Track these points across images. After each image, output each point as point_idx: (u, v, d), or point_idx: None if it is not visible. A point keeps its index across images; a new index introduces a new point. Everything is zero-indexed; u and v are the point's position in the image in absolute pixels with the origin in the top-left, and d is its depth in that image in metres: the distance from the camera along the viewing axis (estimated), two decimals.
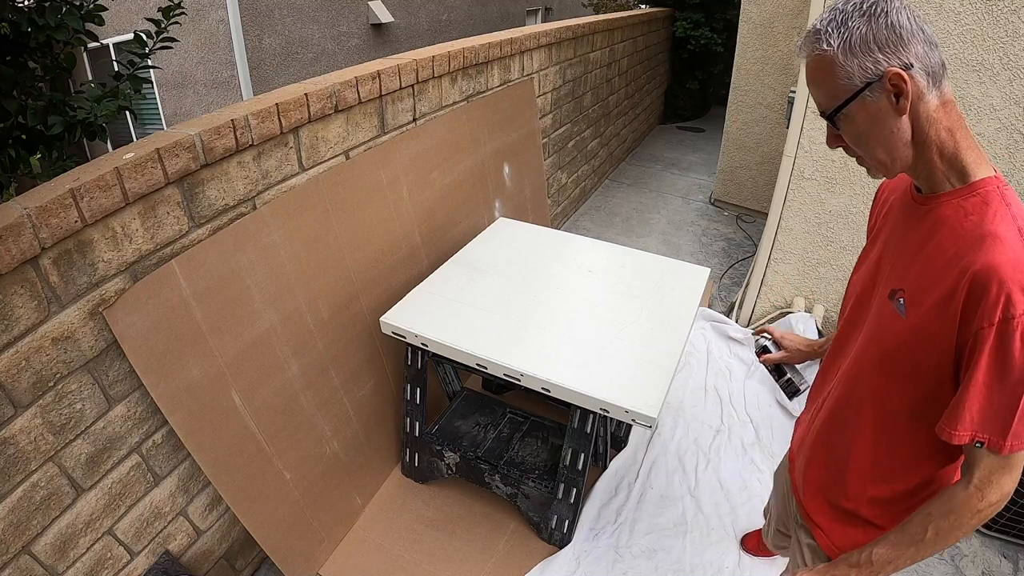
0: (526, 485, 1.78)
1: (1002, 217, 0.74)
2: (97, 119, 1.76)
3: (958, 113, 0.79)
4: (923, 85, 0.76)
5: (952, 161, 0.79)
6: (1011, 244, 0.72)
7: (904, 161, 0.80)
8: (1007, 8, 1.86)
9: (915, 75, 0.75)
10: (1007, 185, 0.78)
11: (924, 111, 0.77)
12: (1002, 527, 1.90)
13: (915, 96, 0.76)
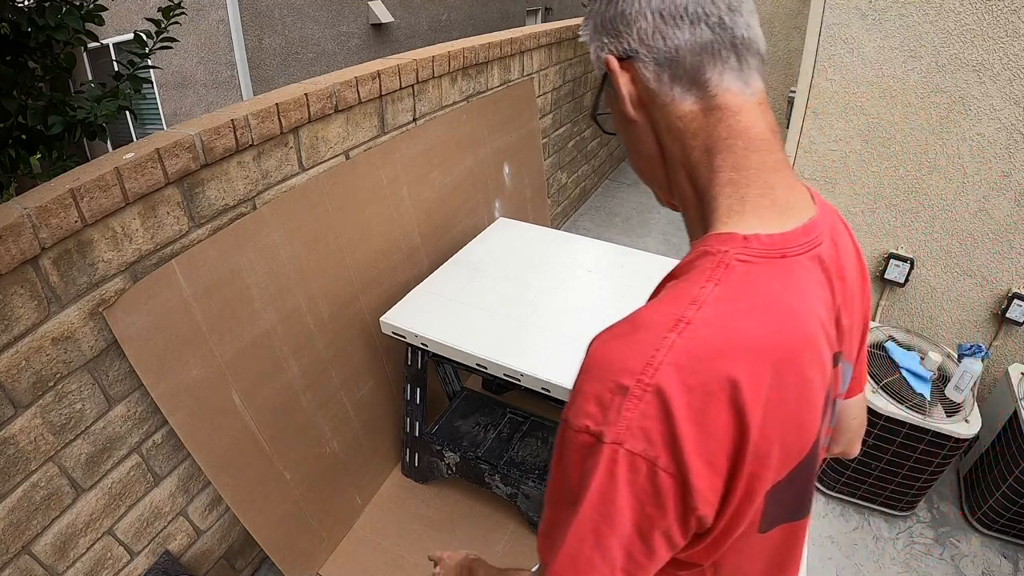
0: (526, 485, 1.78)
1: (678, 296, 0.47)
2: (97, 119, 1.77)
3: (737, 127, 0.50)
4: (650, 79, 0.52)
5: (702, 197, 0.52)
6: (629, 337, 0.46)
7: (659, 184, 0.58)
8: (1007, 8, 1.85)
9: (637, 65, 0.52)
10: (754, 253, 0.48)
11: (663, 117, 0.53)
12: (1002, 527, 1.90)
13: (641, 94, 0.53)
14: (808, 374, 0.48)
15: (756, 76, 0.51)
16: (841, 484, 2.01)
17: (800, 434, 0.49)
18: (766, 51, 0.52)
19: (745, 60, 0.50)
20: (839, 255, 0.55)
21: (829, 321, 0.52)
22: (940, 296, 2.35)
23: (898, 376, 1.93)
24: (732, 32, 0.49)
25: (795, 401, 0.47)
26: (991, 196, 2.10)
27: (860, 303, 0.61)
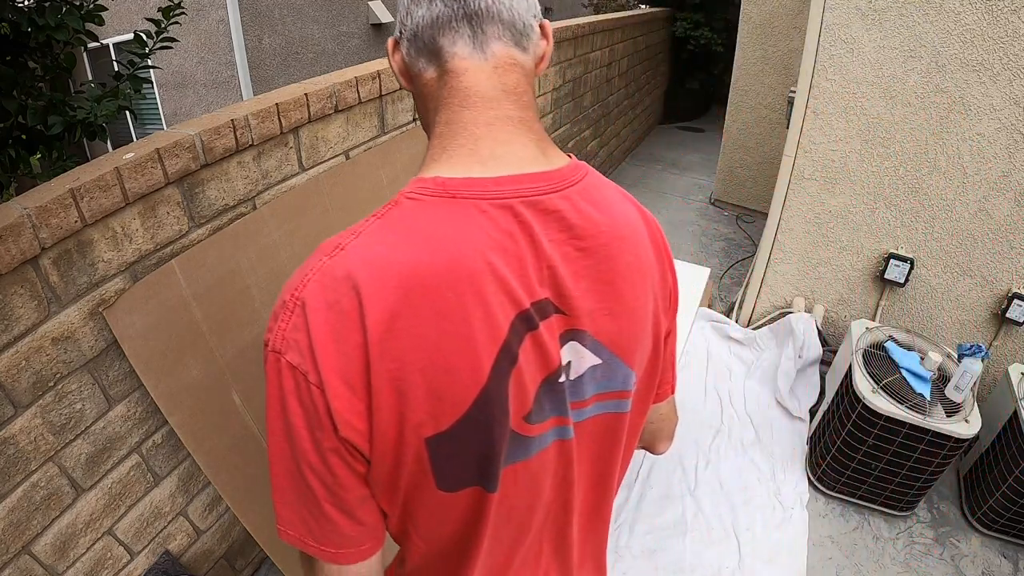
0: None
1: (349, 229, 0.52)
2: (97, 119, 1.76)
3: (458, 87, 0.53)
4: (405, 54, 0.57)
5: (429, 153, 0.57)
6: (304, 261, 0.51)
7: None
8: (1007, 8, 1.85)
9: (401, 44, 0.57)
10: (425, 192, 0.51)
11: (417, 86, 0.58)
12: (1002, 527, 1.90)
13: (406, 69, 0.58)
14: (452, 309, 0.47)
15: (496, 42, 0.53)
16: (841, 484, 2.01)
17: (451, 378, 0.48)
18: (520, 17, 0.54)
19: (480, 28, 0.53)
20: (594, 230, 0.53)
21: (514, 271, 0.49)
22: (940, 296, 2.35)
23: (898, 376, 1.93)
24: (469, 4, 0.52)
25: (435, 334, 0.47)
26: (991, 196, 2.10)
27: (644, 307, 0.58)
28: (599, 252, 0.54)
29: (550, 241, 0.51)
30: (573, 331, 0.54)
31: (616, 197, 0.58)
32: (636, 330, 0.58)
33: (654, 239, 0.60)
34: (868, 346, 2.06)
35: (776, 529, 1.92)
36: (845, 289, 2.55)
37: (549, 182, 0.52)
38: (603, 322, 0.55)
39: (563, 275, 0.52)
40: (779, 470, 2.14)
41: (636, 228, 0.58)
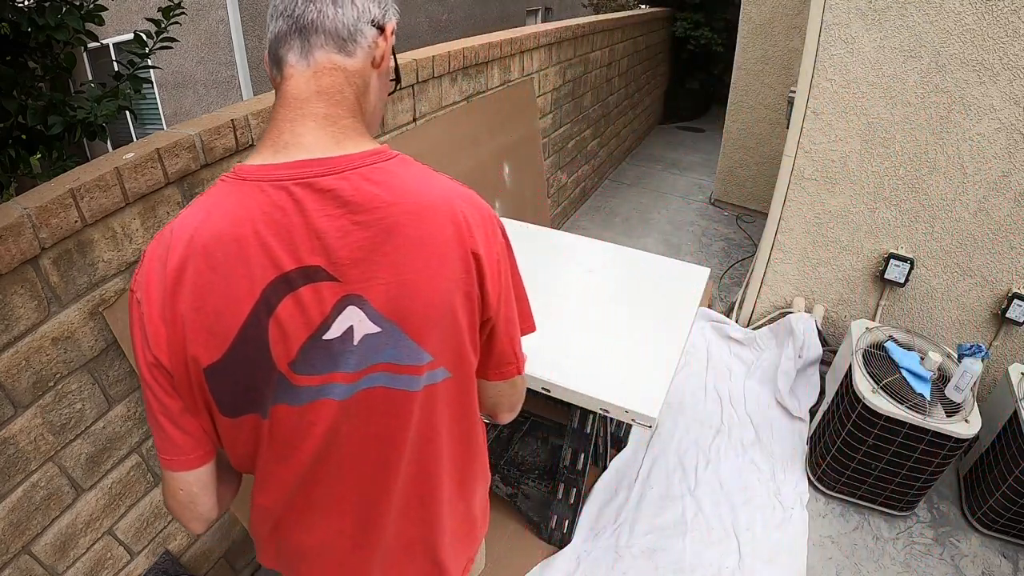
0: (526, 485, 1.78)
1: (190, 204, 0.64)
2: (97, 119, 1.76)
3: (283, 91, 0.65)
4: (266, 64, 0.68)
5: None
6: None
7: None
8: (1007, 8, 1.85)
9: (266, 55, 0.68)
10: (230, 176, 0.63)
11: (276, 93, 0.69)
12: (1002, 527, 1.90)
13: (271, 78, 0.68)
14: (221, 264, 0.58)
15: (320, 51, 0.63)
16: (841, 484, 2.01)
17: (218, 319, 0.59)
18: (346, 26, 0.63)
19: (307, 40, 0.63)
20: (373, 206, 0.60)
21: (279, 240, 0.59)
22: (940, 296, 2.35)
23: (898, 376, 1.93)
24: (300, 19, 0.62)
25: (207, 283, 0.59)
26: (991, 196, 2.10)
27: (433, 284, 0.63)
28: (378, 225, 0.60)
29: (326, 216, 0.59)
30: (350, 296, 0.61)
31: (415, 178, 0.63)
32: (423, 305, 0.63)
33: (456, 223, 0.63)
34: (868, 346, 2.06)
35: (776, 529, 1.92)
36: (845, 289, 2.55)
37: (328, 166, 0.60)
38: (380, 291, 0.61)
39: (336, 246, 0.59)
40: (779, 470, 2.14)
41: (431, 208, 0.62)
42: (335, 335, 0.62)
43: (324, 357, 0.62)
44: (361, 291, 0.61)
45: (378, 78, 0.69)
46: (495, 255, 0.67)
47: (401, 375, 0.65)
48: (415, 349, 0.64)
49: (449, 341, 0.67)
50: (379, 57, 0.67)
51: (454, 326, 0.66)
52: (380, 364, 0.64)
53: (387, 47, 0.68)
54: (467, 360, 0.70)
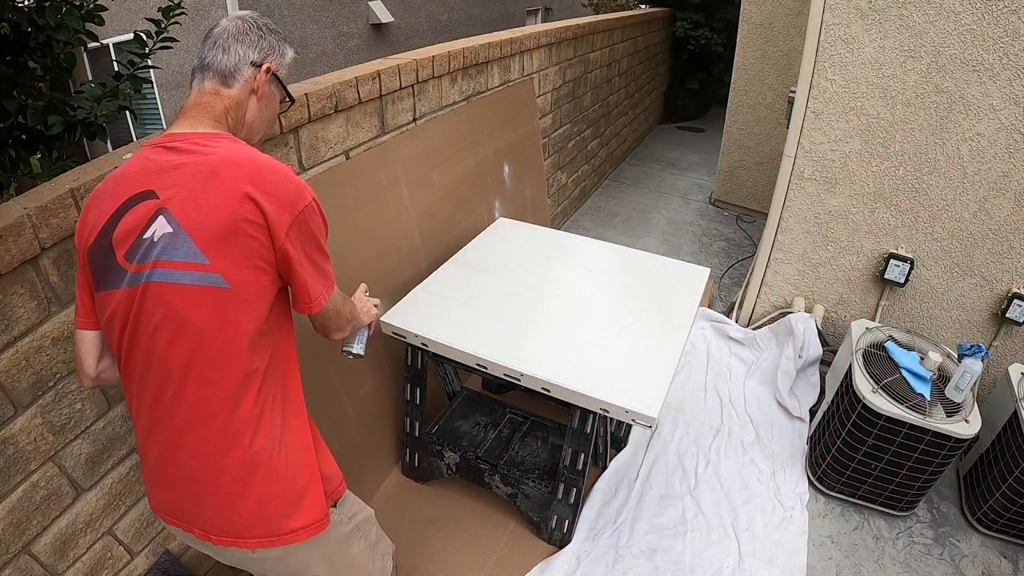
0: (526, 485, 1.78)
1: None
2: (97, 119, 1.76)
3: (185, 103, 0.99)
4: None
5: None
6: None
7: None
8: (1007, 8, 1.86)
9: None
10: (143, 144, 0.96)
11: None
12: (1002, 527, 1.90)
13: None
14: (109, 191, 0.91)
15: (209, 79, 0.99)
16: (841, 484, 2.01)
17: (97, 220, 0.90)
18: (228, 66, 0.98)
19: (202, 73, 0.99)
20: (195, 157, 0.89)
21: (133, 176, 0.90)
22: (940, 296, 2.35)
23: (898, 376, 1.93)
24: (203, 60, 0.99)
25: (100, 200, 0.91)
26: (991, 196, 2.10)
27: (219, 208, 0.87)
28: (193, 166, 0.88)
29: (165, 160, 0.90)
30: (162, 208, 0.88)
31: (232, 148, 0.91)
32: (214, 222, 0.86)
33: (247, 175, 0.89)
34: (868, 346, 2.06)
35: (776, 529, 1.92)
36: (845, 289, 2.55)
37: (180, 136, 0.93)
38: (184, 207, 0.87)
39: (163, 178, 0.88)
40: (779, 470, 2.14)
41: (233, 162, 0.89)
42: (149, 235, 0.88)
43: (140, 251, 0.88)
44: (168, 205, 0.87)
45: (257, 100, 1.03)
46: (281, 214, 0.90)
47: (184, 271, 0.87)
48: (196, 250, 0.87)
49: (230, 256, 0.87)
50: (257, 87, 1.01)
51: (238, 244, 0.87)
52: (166, 261, 0.87)
53: (263, 79, 1.01)
54: (249, 277, 0.90)
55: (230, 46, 0.98)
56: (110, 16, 2.13)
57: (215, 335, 0.89)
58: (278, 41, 1.05)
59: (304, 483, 1.01)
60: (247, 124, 1.03)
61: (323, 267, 0.99)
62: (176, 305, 0.88)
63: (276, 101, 1.08)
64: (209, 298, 0.88)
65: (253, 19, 1.03)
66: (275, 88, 1.06)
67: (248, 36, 1.00)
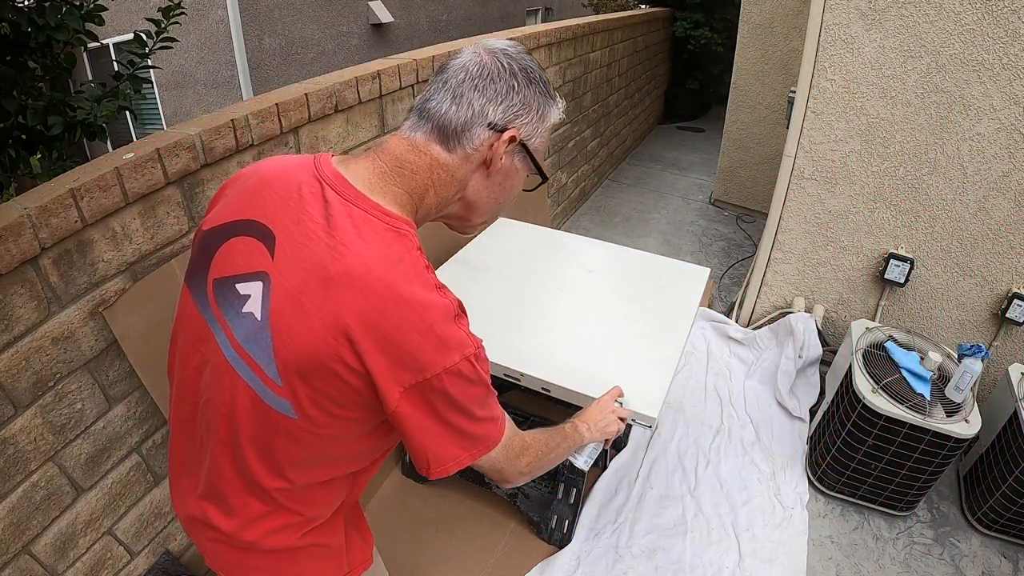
0: (526, 485, 1.78)
1: None
2: (97, 119, 1.76)
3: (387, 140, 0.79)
4: None
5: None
6: None
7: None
8: (1007, 8, 1.86)
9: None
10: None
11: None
12: (1002, 527, 1.90)
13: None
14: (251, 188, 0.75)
15: (423, 130, 0.73)
16: (841, 484, 2.01)
17: (225, 212, 0.75)
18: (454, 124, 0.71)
19: (418, 119, 0.74)
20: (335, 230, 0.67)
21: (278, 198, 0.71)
22: (940, 296, 2.35)
23: (898, 376, 1.93)
24: (424, 101, 0.73)
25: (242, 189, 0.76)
26: (991, 196, 2.10)
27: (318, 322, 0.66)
28: (317, 254, 0.65)
29: (308, 207, 0.68)
30: (265, 274, 0.67)
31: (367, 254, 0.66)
32: (293, 339, 0.65)
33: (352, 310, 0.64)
34: (868, 346, 2.06)
35: (776, 529, 1.92)
36: (845, 289, 2.55)
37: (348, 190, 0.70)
38: (279, 292, 0.66)
39: (291, 232, 0.68)
40: (779, 470, 2.14)
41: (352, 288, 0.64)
42: (242, 291, 0.69)
43: (230, 306, 0.70)
44: (272, 277, 0.67)
45: (487, 176, 0.75)
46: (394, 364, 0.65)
47: (264, 384, 0.68)
48: (272, 362, 0.67)
49: (307, 392, 0.67)
50: (490, 158, 0.73)
51: (323, 383, 0.66)
52: (247, 355, 0.68)
53: (501, 150, 0.73)
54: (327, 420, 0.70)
55: (464, 94, 0.70)
56: (110, 16, 2.13)
57: (250, 453, 0.73)
58: (539, 96, 0.74)
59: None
60: (468, 203, 0.77)
61: (465, 430, 0.73)
62: (229, 392, 0.71)
63: (519, 178, 0.79)
64: (266, 415, 0.70)
65: (509, 59, 0.72)
66: (520, 162, 0.77)
67: (494, 84, 0.71)
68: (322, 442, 0.72)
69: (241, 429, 0.72)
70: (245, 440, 0.73)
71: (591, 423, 1.03)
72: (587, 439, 1.01)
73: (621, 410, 1.09)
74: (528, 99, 0.73)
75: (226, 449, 0.75)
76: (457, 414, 0.71)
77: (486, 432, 0.76)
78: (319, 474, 0.77)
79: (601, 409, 1.06)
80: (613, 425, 1.06)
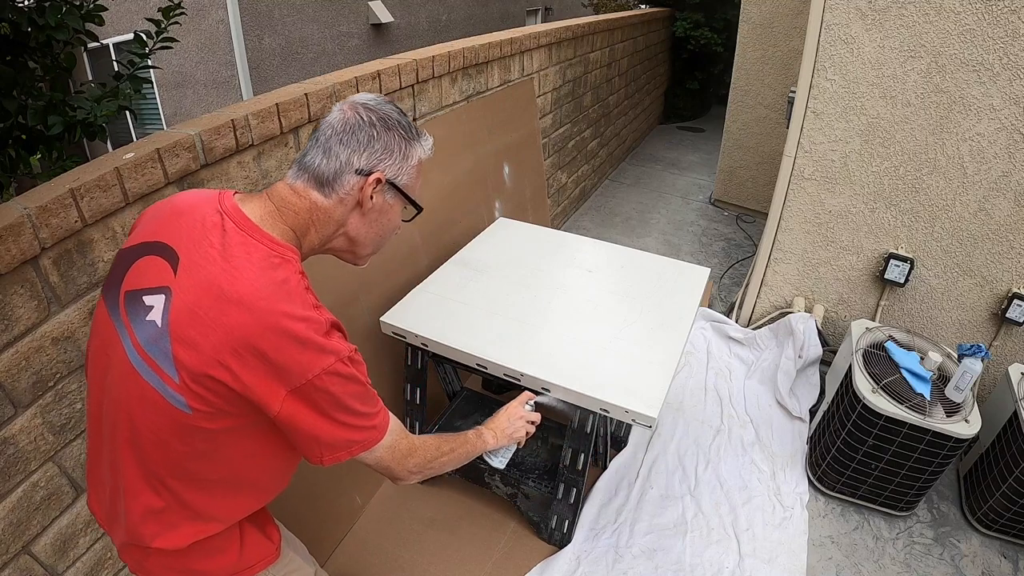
0: (526, 485, 1.78)
1: None
2: (97, 119, 1.76)
3: (274, 186, 0.88)
4: None
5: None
6: None
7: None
8: (1007, 8, 1.86)
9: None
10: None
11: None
12: (1002, 527, 1.90)
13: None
14: (163, 214, 0.85)
15: (302, 179, 0.85)
16: (841, 484, 2.01)
17: (139, 234, 0.84)
18: (326, 171, 0.83)
19: (299, 170, 0.85)
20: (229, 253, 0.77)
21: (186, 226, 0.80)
22: (940, 296, 2.35)
23: (898, 376, 1.93)
24: (302, 155, 0.85)
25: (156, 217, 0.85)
26: (991, 196, 2.10)
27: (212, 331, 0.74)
28: (213, 275, 0.75)
29: (209, 235, 0.78)
30: (168, 289, 0.76)
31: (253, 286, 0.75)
32: (194, 354, 0.73)
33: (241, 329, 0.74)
34: (868, 346, 2.06)
35: (776, 529, 1.92)
36: (845, 289, 2.55)
37: (245, 220, 0.80)
38: (179, 305, 0.74)
39: (192, 253, 0.77)
40: (779, 470, 2.14)
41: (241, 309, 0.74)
42: (147, 302, 0.77)
43: (136, 313, 0.78)
44: (174, 292, 0.76)
45: (363, 215, 0.87)
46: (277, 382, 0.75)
47: (163, 381, 0.76)
48: (171, 362, 0.75)
49: (199, 393, 0.75)
50: (362, 199, 0.85)
51: (216, 392, 0.75)
52: (148, 356, 0.76)
53: (369, 191, 0.84)
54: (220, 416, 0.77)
55: (331, 147, 0.82)
56: (110, 16, 2.13)
57: (164, 439, 0.79)
58: (399, 140, 0.85)
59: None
60: (350, 238, 0.89)
61: (350, 423, 0.83)
62: (135, 390, 0.78)
63: (395, 212, 0.91)
64: (164, 409, 0.77)
65: (368, 109, 0.84)
66: (392, 198, 0.88)
67: (355, 135, 0.82)
68: (215, 440, 0.80)
69: (140, 423, 0.79)
70: (145, 435, 0.80)
71: (497, 431, 1.10)
72: (492, 446, 1.08)
73: (531, 414, 1.14)
74: (389, 144, 0.84)
75: (128, 447, 0.81)
76: (340, 410, 0.81)
77: (370, 425, 0.86)
78: (216, 473, 0.84)
79: (509, 417, 1.13)
80: (521, 431, 1.13)
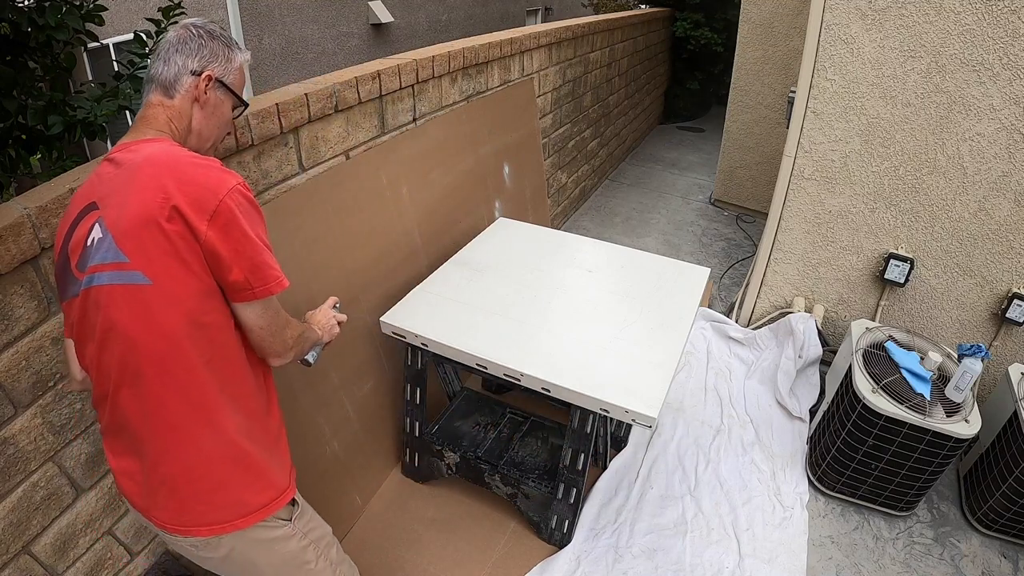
0: (526, 485, 1.78)
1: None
2: (97, 119, 1.76)
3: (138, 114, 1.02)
4: None
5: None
6: None
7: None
8: (1007, 8, 1.86)
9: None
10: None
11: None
12: (1002, 527, 1.90)
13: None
14: (68, 207, 0.95)
15: (153, 91, 1.00)
16: (841, 484, 2.01)
17: (59, 234, 0.94)
18: (168, 78, 0.99)
19: (148, 85, 1.01)
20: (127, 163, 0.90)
21: (87, 189, 0.92)
22: (940, 296, 2.35)
23: (898, 376, 1.93)
24: (148, 73, 1.01)
25: (63, 216, 0.95)
26: (991, 196, 2.10)
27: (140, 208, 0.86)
28: (125, 173, 0.89)
29: (106, 172, 0.91)
30: (100, 217, 0.89)
31: (151, 150, 0.91)
32: (131, 219, 0.86)
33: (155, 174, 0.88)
34: (868, 346, 2.06)
35: (776, 529, 1.92)
36: (845, 289, 2.55)
37: (122, 147, 0.94)
38: (112, 211, 0.88)
39: (103, 188, 0.90)
40: (779, 470, 2.14)
41: (149, 164, 0.89)
42: (89, 242, 0.89)
43: (86, 258, 0.89)
44: (104, 213, 0.88)
45: (201, 108, 1.02)
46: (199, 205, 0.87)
47: (115, 272, 0.87)
48: (117, 251, 0.86)
49: (147, 251, 0.86)
50: (199, 95, 1.00)
51: (153, 238, 0.85)
52: (99, 265, 0.87)
53: (203, 87, 1.00)
54: (170, 271, 0.87)
55: (170, 57, 0.98)
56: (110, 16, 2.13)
57: (140, 335, 0.88)
58: (222, 47, 1.04)
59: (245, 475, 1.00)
60: (195, 132, 1.02)
61: (257, 259, 0.93)
62: (105, 307, 0.87)
63: (226, 107, 1.06)
64: (130, 296, 0.86)
65: (196, 26, 1.02)
66: (222, 94, 1.04)
67: (187, 45, 0.99)
68: (182, 307, 0.89)
69: (141, 343, 0.88)
70: (150, 356, 0.89)
71: (319, 325, 1.20)
72: (319, 337, 1.18)
73: (339, 315, 1.26)
74: (215, 49, 1.02)
75: (158, 378, 0.90)
76: (257, 226, 0.94)
77: (273, 264, 0.96)
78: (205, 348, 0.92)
79: (324, 315, 1.23)
80: (336, 328, 1.24)
